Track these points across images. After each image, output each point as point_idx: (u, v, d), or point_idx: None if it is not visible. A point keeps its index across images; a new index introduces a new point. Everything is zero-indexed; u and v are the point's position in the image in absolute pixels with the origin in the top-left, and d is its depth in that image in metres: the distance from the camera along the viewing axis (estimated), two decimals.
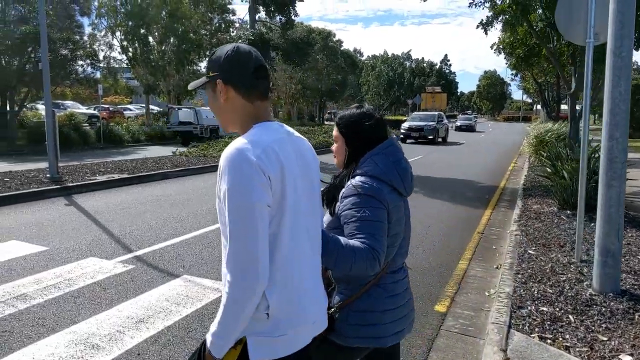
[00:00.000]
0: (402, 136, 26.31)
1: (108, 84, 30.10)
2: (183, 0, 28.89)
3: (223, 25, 30.82)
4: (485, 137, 34.09)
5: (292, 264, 1.41)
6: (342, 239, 1.65)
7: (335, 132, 1.91)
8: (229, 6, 31.44)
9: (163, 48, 29.32)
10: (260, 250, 1.30)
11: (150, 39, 28.98)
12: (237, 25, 30.33)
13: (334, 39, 45.57)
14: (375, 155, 1.80)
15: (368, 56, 78.66)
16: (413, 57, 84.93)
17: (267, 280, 1.32)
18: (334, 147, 1.94)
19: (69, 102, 29.89)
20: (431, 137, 25.83)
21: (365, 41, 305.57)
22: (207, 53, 30.49)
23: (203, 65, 31.87)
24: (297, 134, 1.54)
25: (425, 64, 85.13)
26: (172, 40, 29.44)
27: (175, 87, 29.80)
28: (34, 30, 16.88)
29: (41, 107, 22.18)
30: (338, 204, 1.79)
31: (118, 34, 28.92)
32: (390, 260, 1.81)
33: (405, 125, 27.20)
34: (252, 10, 18.19)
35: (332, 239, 1.64)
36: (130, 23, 27.49)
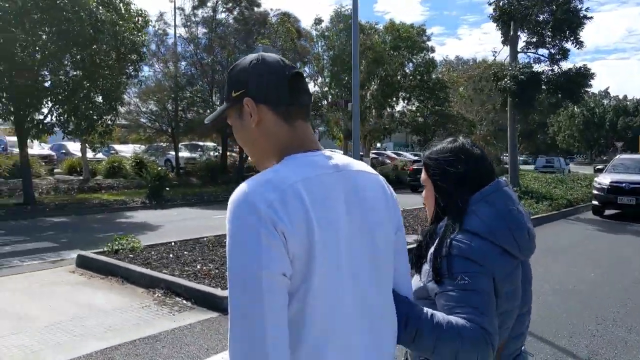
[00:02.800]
0: (595, 202, 13.52)
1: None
2: (384, 44, 28.40)
3: (422, 66, 29.52)
4: None
5: (328, 353, 1.01)
6: (439, 315, 1.23)
7: (423, 174, 1.54)
8: (427, 43, 30.18)
9: (362, 93, 29.01)
10: (269, 340, 0.93)
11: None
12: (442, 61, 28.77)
13: None
14: (475, 204, 1.39)
15: None
16: (612, 95, 75.12)
17: None
18: (423, 193, 1.57)
19: None
20: None
21: None
22: (404, 94, 29.41)
23: (398, 107, 30.94)
24: (358, 166, 1.16)
25: (628, 102, 74.44)
26: (372, 84, 29.01)
27: (372, 131, 29.10)
28: None
29: None
30: (426, 266, 1.40)
31: (320, 80, 29.35)
32: (502, 347, 1.38)
33: (605, 180, 13.26)
34: (514, 41, 16.01)
35: (424, 315, 1.21)
36: (335, 69, 27.60)
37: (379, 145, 36.19)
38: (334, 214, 1.05)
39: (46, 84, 13.43)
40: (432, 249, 1.40)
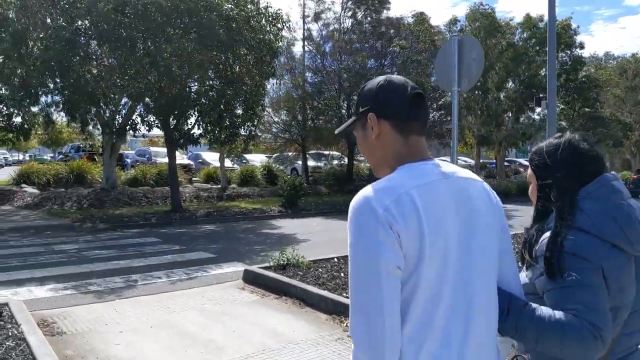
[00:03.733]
0: None
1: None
2: (525, 41, 25.95)
3: (569, 62, 26.47)
4: None
5: (430, 339, 1.15)
6: (544, 309, 1.31)
7: (529, 169, 1.61)
8: (575, 38, 27.02)
9: (497, 95, 26.75)
10: (386, 326, 1.10)
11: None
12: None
13: None
14: (582, 200, 1.40)
15: None
16: None
17: (395, 354, 1.12)
18: (530, 188, 1.62)
19: None
20: None
21: None
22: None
23: (538, 110, 28.04)
24: (464, 173, 1.31)
25: None
26: (510, 84, 26.67)
27: (508, 137, 26.66)
28: None
29: None
30: (533, 263, 1.45)
31: None
32: (614, 342, 1.36)
33: None
34: None
35: (526, 308, 1.30)
36: None
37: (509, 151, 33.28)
38: (444, 216, 1.18)
39: (192, 94, 13.62)
40: (537, 246, 1.43)
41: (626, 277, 1.36)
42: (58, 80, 12.03)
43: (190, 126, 14.06)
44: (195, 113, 13.53)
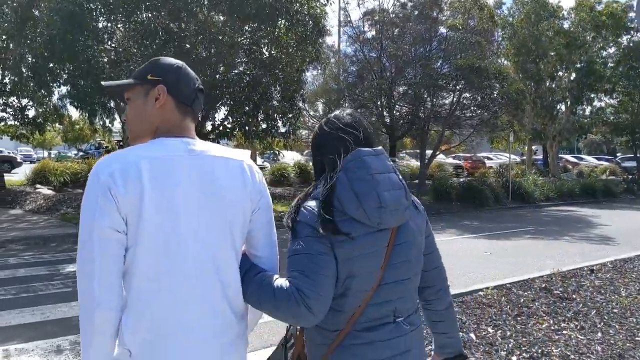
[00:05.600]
0: None
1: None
2: (578, 25, 23.51)
3: (630, 51, 23.91)
4: None
5: (152, 298, 1.28)
6: (265, 275, 1.41)
7: None
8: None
9: (550, 85, 24.38)
10: (95, 282, 1.23)
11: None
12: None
13: None
14: (329, 173, 1.44)
15: None
16: None
17: (110, 306, 1.24)
18: None
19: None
20: None
21: None
22: (607, 86, 23.97)
23: (599, 101, 25.56)
24: (218, 152, 1.40)
25: None
26: (563, 73, 24.28)
27: (563, 131, 24.27)
28: None
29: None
30: None
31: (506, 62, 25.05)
32: (359, 312, 1.40)
33: None
34: None
35: (252, 276, 1.41)
36: (520, 58, 23.33)
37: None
38: (174, 187, 1.29)
39: (223, 81, 11.78)
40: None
41: (362, 248, 1.37)
42: (67, 65, 10.28)
43: (221, 119, 12.28)
44: (229, 103, 11.71)
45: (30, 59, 11.18)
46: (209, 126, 11.95)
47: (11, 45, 10.83)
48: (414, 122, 18.25)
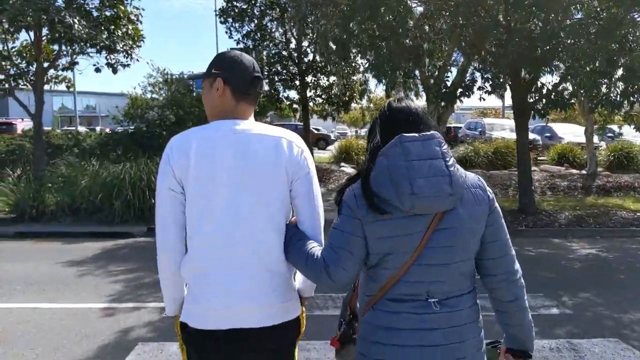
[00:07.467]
0: None
1: None
2: None
3: None
4: None
5: (196, 248, 1.61)
6: (306, 242, 1.62)
7: None
8: None
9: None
10: (161, 221, 1.62)
11: None
12: None
13: None
14: (379, 157, 1.51)
15: None
16: None
17: (173, 249, 1.63)
18: None
19: None
20: None
21: None
22: None
23: None
24: (259, 130, 1.64)
25: None
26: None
27: None
28: None
29: None
30: None
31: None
32: (390, 285, 1.52)
33: None
34: None
35: (294, 241, 1.63)
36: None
37: None
38: (216, 158, 1.59)
39: (560, 34, 8.55)
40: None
41: (392, 230, 1.46)
42: (370, 25, 8.87)
43: (552, 85, 9.12)
44: (566, 63, 8.48)
45: (335, 30, 10.45)
46: (534, 95, 9.01)
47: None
48: None
